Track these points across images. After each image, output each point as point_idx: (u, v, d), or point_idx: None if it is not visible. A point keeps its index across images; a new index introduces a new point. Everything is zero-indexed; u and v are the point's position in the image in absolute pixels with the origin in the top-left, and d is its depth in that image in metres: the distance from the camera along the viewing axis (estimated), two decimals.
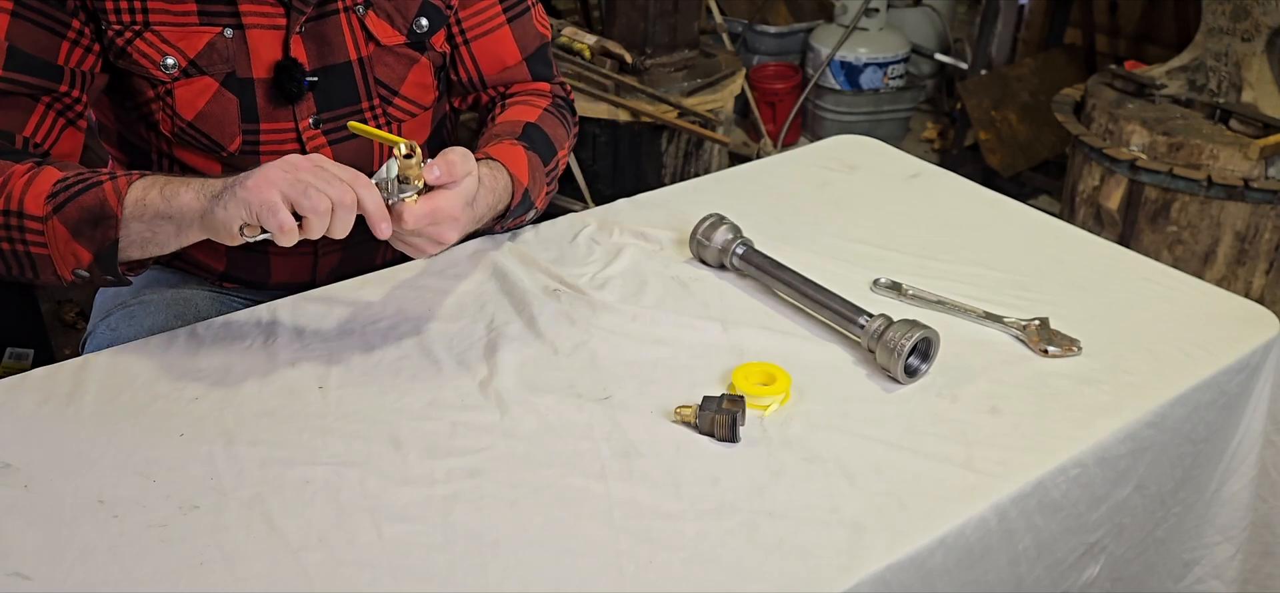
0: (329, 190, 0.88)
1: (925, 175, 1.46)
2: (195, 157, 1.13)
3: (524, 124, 1.20)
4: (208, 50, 1.07)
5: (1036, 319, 1.08)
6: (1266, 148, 2.15)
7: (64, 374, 0.99)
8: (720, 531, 0.81)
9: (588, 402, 0.95)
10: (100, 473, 0.85)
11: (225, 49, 1.07)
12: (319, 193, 0.88)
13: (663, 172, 2.76)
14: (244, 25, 1.07)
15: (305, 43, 1.10)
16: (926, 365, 1.00)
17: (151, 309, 1.14)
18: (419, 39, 1.18)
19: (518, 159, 1.15)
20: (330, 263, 1.23)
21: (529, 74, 1.28)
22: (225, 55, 1.08)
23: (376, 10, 1.14)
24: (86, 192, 0.95)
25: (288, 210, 0.87)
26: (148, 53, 1.05)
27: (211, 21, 1.06)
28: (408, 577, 0.76)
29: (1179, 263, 2.17)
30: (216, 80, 1.08)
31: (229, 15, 1.07)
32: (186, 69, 1.07)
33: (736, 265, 1.17)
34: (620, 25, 2.80)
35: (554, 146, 1.22)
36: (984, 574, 0.87)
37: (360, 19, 1.13)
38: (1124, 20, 3.46)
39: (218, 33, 1.07)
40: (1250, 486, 1.12)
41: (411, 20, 1.17)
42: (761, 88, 3.55)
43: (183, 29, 1.06)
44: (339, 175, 0.90)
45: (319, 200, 0.88)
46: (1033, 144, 3.30)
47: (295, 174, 0.88)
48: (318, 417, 0.93)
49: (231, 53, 1.08)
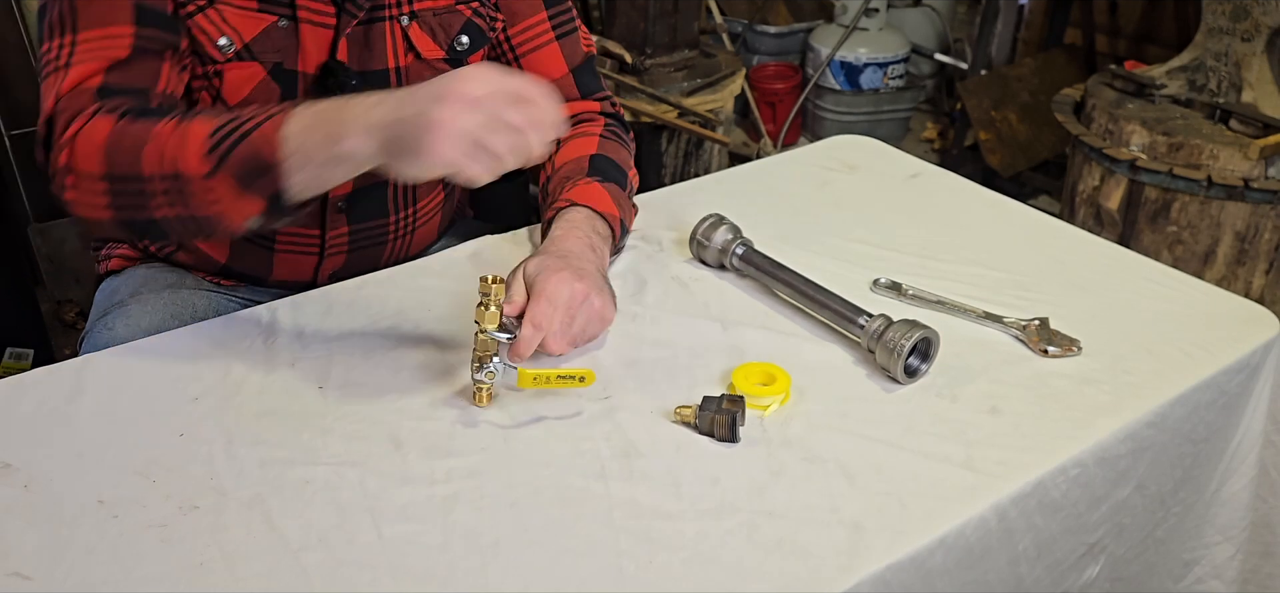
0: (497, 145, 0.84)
1: (925, 175, 1.46)
2: None
3: (588, 158, 1.20)
4: (263, 37, 1.07)
5: (1036, 319, 1.08)
6: (1266, 148, 2.15)
7: (64, 374, 0.99)
8: (720, 531, 0.81)
9: (588, 402, 0.95)
10: (100, 473, 0.85)
11: (278, 39, 1.08)
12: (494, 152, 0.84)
13: (663, 172, 2.76)
14: (298, 19, 1.08)
15: (350, 45, 1.11)
16: (926, 366, 1.00)
17: (149, 309, 1.14)
18: (458, 56, 1.19)
19: (600, 196, 1.15)
20: (334, 265, 1.23)
21: (576, 87, 1.28)
22: (278, 45, 1.08)
23: (421, 23, 1.15)
24: (242, 140, 0.90)
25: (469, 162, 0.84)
26: (207, 30, 1.05)
27: (269, 9, 1.07)
28: (408, 577, 0.76)
29: (1179, 263, 2.17)
30: (265, 69, 1.09)
31: (286, 6, 1.08)
32: (240, 52, 1.07)
33: (736, 266, 1.17)
34: (620, 25, 2.80)
35: (624, 169, 1.22)
36: (984, 574, 0.87)
37: (404, 29, 1.14)
38: (1124, 20, 3.46)
39: (273, 21, 1.08)
40: (1250, 486, 1.12)
41: (453, 37, 1.18)
42: (761, 88, 3.55)
43: (243, 12, 1.06)
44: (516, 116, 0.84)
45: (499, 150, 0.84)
46: (1033, 144, 3.30)
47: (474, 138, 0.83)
48: (318, 417, 0.93)
49: (283, 44, 1.09)
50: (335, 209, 1.19)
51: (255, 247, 1.20)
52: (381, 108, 0.86)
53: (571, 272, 1.00)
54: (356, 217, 1.21)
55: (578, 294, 0.99)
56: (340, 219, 1.20)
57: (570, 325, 0.98)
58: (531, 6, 1.24)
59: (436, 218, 1.32)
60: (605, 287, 1.04)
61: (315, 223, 1.19)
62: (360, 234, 1.22)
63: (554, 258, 1.02)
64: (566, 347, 0.98)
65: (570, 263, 1.02)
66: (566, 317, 0.97)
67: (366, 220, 1.21)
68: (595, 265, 1.06)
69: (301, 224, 1.17)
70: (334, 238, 1.21)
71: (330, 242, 1.20)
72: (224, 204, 0.92)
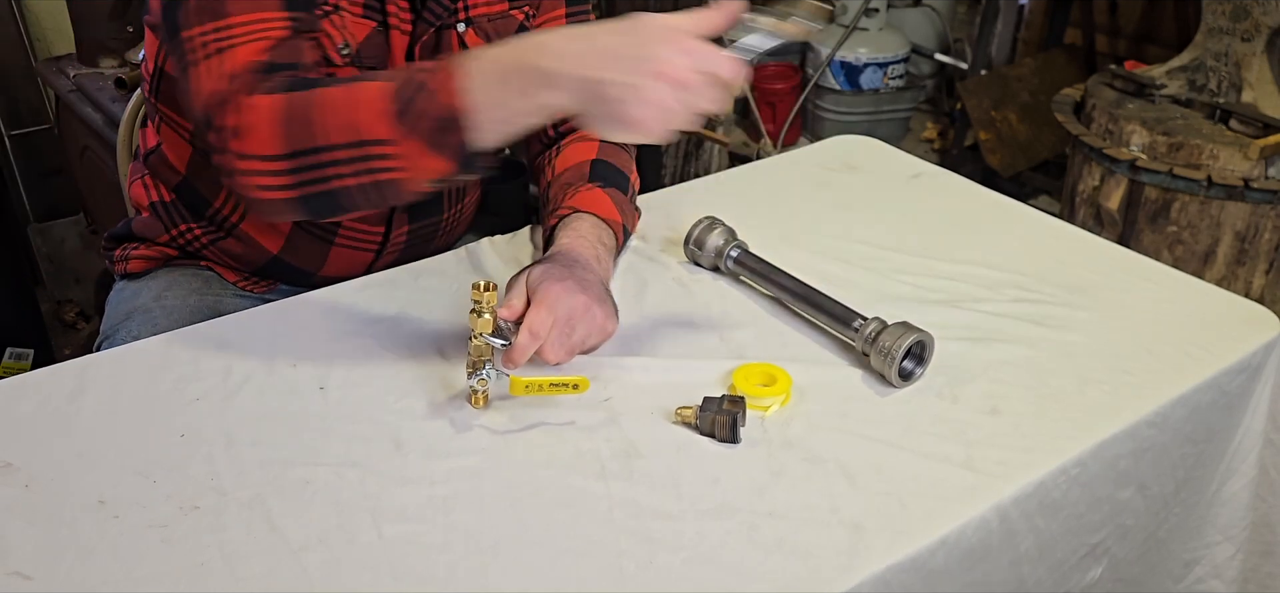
0: (689, 121, 0.84)
1: (925, 175, 1.46)
2: None
3: (589, 164, 1.20)
4: (368, 41, 1.08)
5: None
6: (1266, 148, 2.15)
7: (65, 374, 0.99)
8: (720, 531, 0.81)
9: (588, 403, 0.95)
10: (100, 473, 0.85)
11: (378, 44, 1.09)
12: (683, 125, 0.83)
13: (663, 172, 2.76)
14: (389, 25, 1.09)
15: (422, 53, 1.12)
16: (922, 369, 1.00)
17: (174, 316, 1.13)
18: None
19: (603, 203, 1.15)
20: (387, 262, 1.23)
21: None
22: (377, 50, 1.09)
23: (476, 28, 1.16)
24: (428, 97, 0.85)
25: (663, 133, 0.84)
26: (331, 34, 1.05)
27: (370, 15, 1.08)
28: (408, 577, 0.76)
29: (1179, 263, 2.17)
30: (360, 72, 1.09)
31: (380, 13, 1.08)
32: (354, 56, 1.08)
33: (731, 269, 1.16)
34: None
35: (625, 173, 1.22)
36: (985, 575, 0.87)
37: (460, 36, 1.15)
38: (1124, 20, 3.46)
39: (375, 27, 1.08)
40: (1251, 486, 1.12)
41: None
42: (761, 88, 3.55)
43: (355, 18, 1.07)
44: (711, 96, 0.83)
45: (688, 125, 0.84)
46: (1033, 144, 3.30)
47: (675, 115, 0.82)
48: (318, 417, 0.93)
49: (380, 49, 1.09)
50: (400, 208, 1.19)
51: (312, 239, 1.19)
52: (585, 60, 0.82)
53: (575, 281, 0.99)
54: (417, 216, 1.21)
55: (579, 306, 0.97)
56: (403, 217, 1.20)
57: (569, 335, 0.97)
58: (553, 1, 1.23)
59: (471, 211, 1.33)
60: (608, 299, 1.03)
61: (381, 221, 1.20)
62: (417, 232, 1.23)
63: (559, 267, 1.01)
64: (564, 356, 0.97)
65: (574, 273, 1.01)
66: (566, 327, 0.96)
67: (425, 218, 1.22)
68: (599, 277, 1.05)
69: (369, 222, 1.18)
70: (396, 236, 1.21)
71: (392, 239, 1.21)
72: (411, 164, 0.87)
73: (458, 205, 1.27)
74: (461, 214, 1.29)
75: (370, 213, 1.12)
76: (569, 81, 0.82)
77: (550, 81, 0.83)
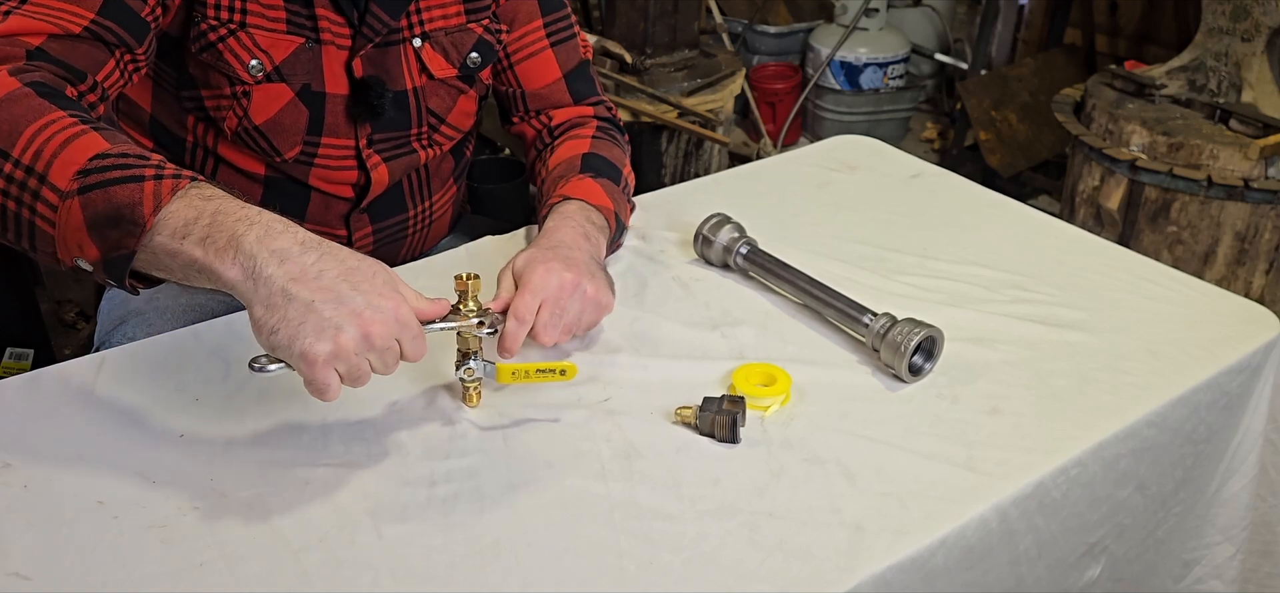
0: (378, 370, 0.81)
1: (925, 175, 1.46)
2: (245, 157, 1.13)
3: (580, 157, 1.20)
4: (293, 59, 1.07)
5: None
6: (1266, 148, 2.15)
7: (65, 375, 0.98)
8: (721, 531, 0.81)
9: (588, 403, 0.95)
10: (100, 473, 0.85)
11: (306, 61, 1.08)
12: (368, 375, 0.80)
13: (663, 172, 2.76)
14: (321, 40, 1.08)
15: (364, 67, 1.12)
16: (930, 364, 1.00)
17: (167, 317, 1.13)
18: (470, 73, 1.20)
19: (592, 190, 1.15)
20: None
21: (568, 92, 1.28)
22: (306, 67, 1.08)
23: (433, 43, 1.16)
24: (123, 183, 0.78)
25: (336, 385, 0.79)
26: (238, 53, 1.05)
27: (296, 31, 1.07)
28: (408, 577, 0.76)
29: (1179, 263, 2.17)
30: (293, 90, 1.09)
31: (310, 28, 1.07)
32: (270, 74, 1.07)
33: (740, 265, 1.17)
34: (620, 25, 2.80)
35: (617, 166, 1.22)
36: (985, 575, 0.87)
37: (417, 51, 1.15)
38: (1124, 20, 3.46)
39: (302, 43, 1.07)
40: (1250, 486, 1.12)
41: (465, 55, 1.19)
42: (761, 88, 3.55)
43: (273, 35, 1.06)
44: (395, 348, 0.80)
45: (366, 379, 0.80)
46: (1033, 144, 3.30)
47: (356, 359, 0.78)
48: (318, 417, 0.93)
49: (311, 66, 1.09)
50: (358, 210, 1.19)
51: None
52: (286, 265, 0.77)
53: (560, 261, 0.98)
54: (378, 215, 1.21)
55: (567, 283, 0.96)
56: (364, 219, 1.20)
57: (561, 316, 0.96)
58: (529, 13, 1.23)
59: (449, 212, 1.33)
60: (600, 273, 1.02)
61: (342, 224, 1.19)
62: (383, 232, 1.23)
63: (542, 250, 1.01)
64: (561, 337, 0.96)
65: (559, 253, 1.00)
66: (555, 308, 0.95)
67: (388, 217, 1.22)
68: (588, 253, 1.04)
69: (327, 224, 1.17)
70: (360, 238, 1.21)
71: (356, 242, 1.21)
72: (63, 227, 0.80)
73: (424, 203, 1.26)
74: (430, 213, 1.27)
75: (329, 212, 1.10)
76: (257, 275, 0.76)
77: (240, 260, 0.77)
